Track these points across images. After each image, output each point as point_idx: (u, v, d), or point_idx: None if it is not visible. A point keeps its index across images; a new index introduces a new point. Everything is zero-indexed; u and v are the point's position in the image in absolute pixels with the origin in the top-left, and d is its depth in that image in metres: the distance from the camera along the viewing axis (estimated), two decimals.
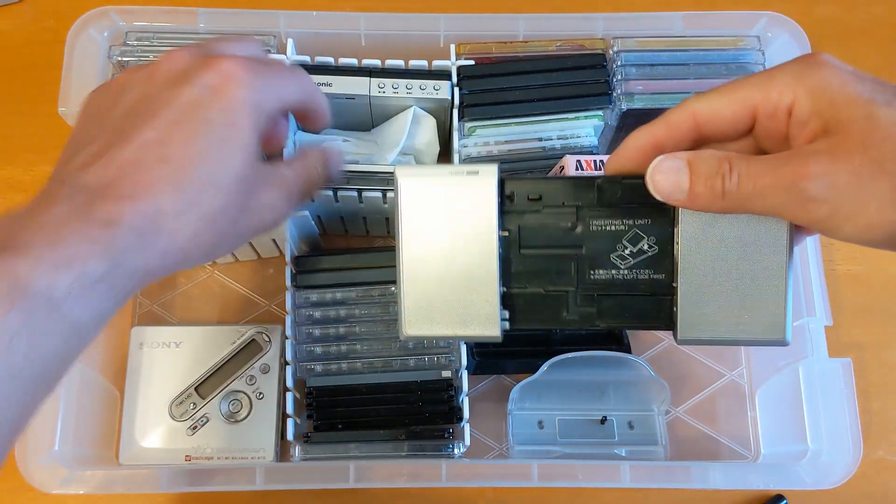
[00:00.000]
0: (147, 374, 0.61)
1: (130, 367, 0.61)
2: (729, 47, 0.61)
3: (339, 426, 0.58)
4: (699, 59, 0.60)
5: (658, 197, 0.36)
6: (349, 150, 0.61)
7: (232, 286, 0.67)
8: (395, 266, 0.39)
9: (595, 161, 0.56)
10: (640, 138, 0.38)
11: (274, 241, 0.64)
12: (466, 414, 0.56)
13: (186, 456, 0.59)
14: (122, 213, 0.36)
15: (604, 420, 0.62)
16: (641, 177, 0.37)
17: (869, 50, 0.75)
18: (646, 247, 0.39)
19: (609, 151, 0.65)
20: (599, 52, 0.61)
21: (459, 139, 0.59)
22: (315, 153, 0.47)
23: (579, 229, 0.39)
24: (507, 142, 0.59)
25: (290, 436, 0.55)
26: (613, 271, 0.39)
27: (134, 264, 0.37)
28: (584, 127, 0.60)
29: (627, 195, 0.39)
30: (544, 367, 0.59)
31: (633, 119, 0.60)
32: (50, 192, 0.37)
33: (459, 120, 0.59)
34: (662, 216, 0.38)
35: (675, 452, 0.63)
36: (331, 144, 0.48)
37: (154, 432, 0.60)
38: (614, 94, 0.59)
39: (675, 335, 0.38)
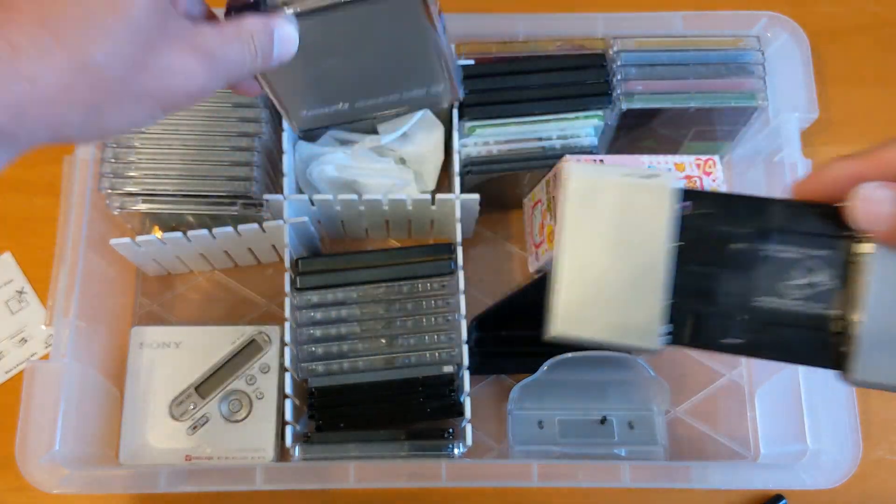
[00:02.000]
0: (147, 374, 0.61)
1: (130, 367, 0.61)
2: (729, 47, 0.61)
3: (342, 425, 0.58)
4: (699, 59, 0.60)
5: (858, 225, 0.34)
6: (351, 163, 0.60)
7: (232, 286, 0.67)
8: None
9: (595, 161, 0.56)
10: (841, 168, 0.35)
11: (273, 246, 0.64)
12: (468, 413, 0.56)
13: (186, 456, 0.59)
14: None
15: (604, 420, 0.62)
16: (831, 206, 0.35)
17: (868, 49, 0.75)
18: (821, 279, 0.36)
19: (609, 151, 0.65)
20: (599, 52, 0.61)
21: (459, 139, 0.59)
22: (255, 21, 0.37)
23: (752, 252, 0.37)
24: (506, 141, 0.59)
25: (288, 442, 0.55)
26: (782, 300, 0.37)
27: None
28: (584, 127, 0.60)
29: (811, 222, 0.36)
30: (544, 366, 0.59)
31: (633, 119, 0.60)
32: None
33: (459, 119, 0.59)
34: (843, 249, 0.36)
35: (675, 452, 0.63)
36: (281, 18, 0.39)
37: (154, 432, 0.60)
38: (614, 94, 0.59)
39: (845, 375, 0.36)
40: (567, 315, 0.38)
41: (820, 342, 0.37)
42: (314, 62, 0.47)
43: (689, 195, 0.37)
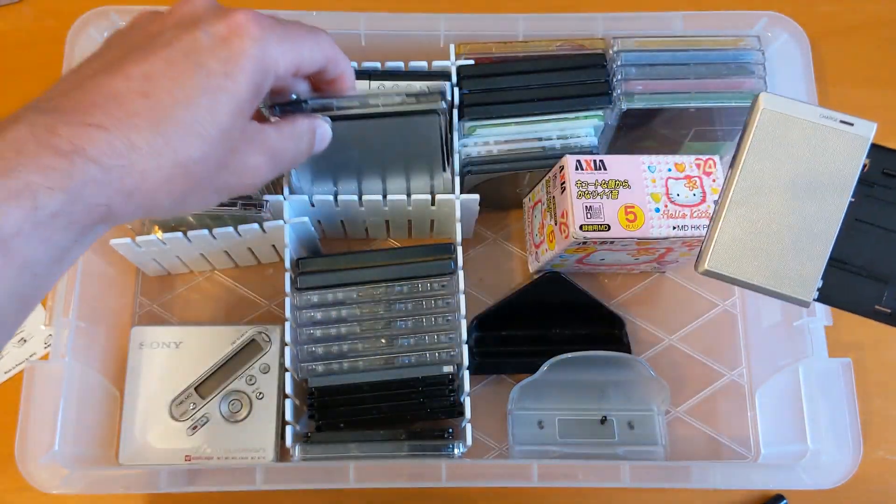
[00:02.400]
0: (147, 374, 0.61)
1: (130, 367, 0.61)
2: (729, 47, 0.61)
3: (342, 425, 0.58)
4: (699, 59, 0.60)
5: None
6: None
7: (232, 287, 0.67)
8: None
9: (595, 161, 0.56)
10: None
11: (273, 246, 0.64)
12: (468, 413, 0.56)
13: (186, 456, 0.59)
14: (89, 141, 0.33)
15: (604, 420, 0.62)
16: None
17: (868, 48, 0.75)
18: None
19: (609, 151, 0.65)
20: (599, 52, 0.61)
21: (459, 139, 0.59)
22: (305, 122, 0.44)
23: None
24: (506, 141, 0.59)
25: (288, 442, 0.55)
26: None
27: (95, 200, 0.34)
28: (584, 127, 0.60)
29: None
30: (544, 367, 0.59)
31: (633, 119, 0.60)
32: (15, 115, 0.35)
33: (459, 120, 0.59)
34: None
35: (675, 452, 0.63)
36: (320, 119, 0.45)
37: (154, 432, 0.60)
38: (614, 94, 0.59)
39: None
40: (723, 253, 0.36)
41: None
42: (335, 154, 0.51)
43: (877, 151, 0.36)
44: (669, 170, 0.56)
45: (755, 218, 0.36)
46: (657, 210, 0.55)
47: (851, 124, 0.36)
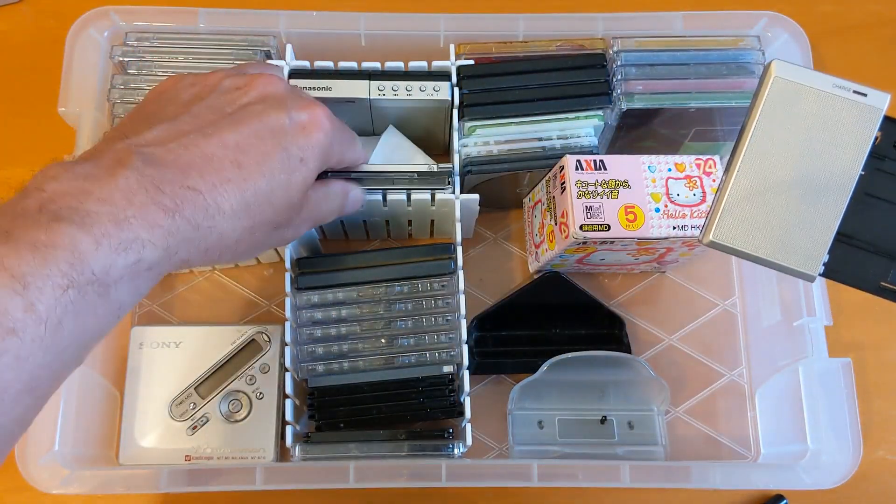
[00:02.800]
0: (147, 374, 0.61)
1: (130, 367, 0.61)
2: (729, 47, 0.61)
3: (341, 425, 0.58)
4: (699, 59, 0.60)
5: None
6: None
7: (232, 287, 0.67)
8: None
9: (595, 161, 0.56)
10: None
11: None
12: (468, 413, 0.56)
13: (186, 456, 0.59)
14: (188, 203, 0.37)
15: (604, 420, 0.62)
16: None
17: (868, 48, 0.75)
18: None
19: (608, 151, 0.65)
20: (599, 52, 0.61)
21: (459, 139, 0.59)
22: (338, 185, 0.51)
23: None
24: (507, 141, 0.59)
25: (288, 442, 0.55)
26: None
27: (181, 256, 0.38)
28: (584, 127, 0.60)
29: None
30: (544, 367, 0.59)
31: (633, 119, 0.60)
32: (118, 157, 0.37)
33: (459, 119, 0.59)
34: None
35: (675, 452, 0.63)
36: (354, 184, 0.53)
37: (154, 432, 0.60)
38: (614, 94, 0.59)
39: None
40: (729, 224, 0.35)
41: None
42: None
43: (889, 124, 0.35)
44: (670, 170, 0.56)
45: (762, 189, 0.35)
46: (657, 210, 0.55)
47: (865, 95, 0.35)
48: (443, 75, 0.59)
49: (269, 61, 0.60)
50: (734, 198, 0.36)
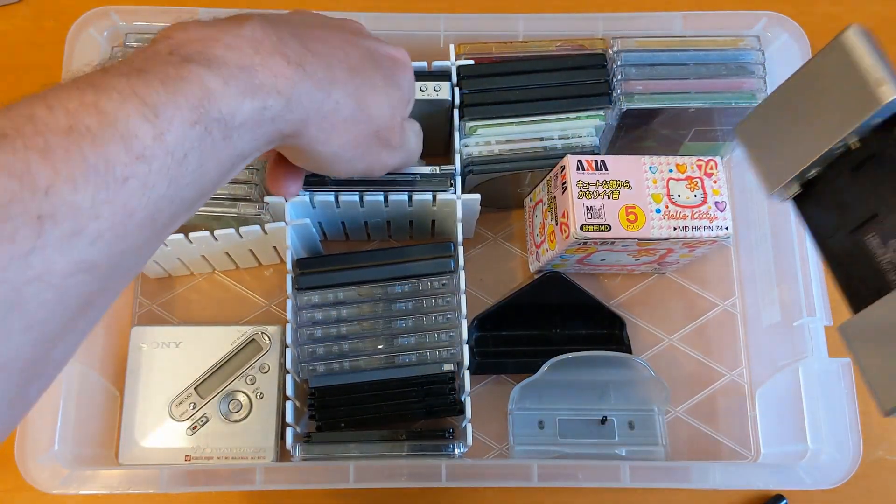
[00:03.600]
0: (147, 374, 0.61)
1: (130, 367, 0.61)
2: (729, 47, 0.61)
3: (342, 425, 0.58)
4: (699, 59, 0.60)
5: None
6: None
7: (232, 287, 0.67)
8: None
9: (596, 161, 0.56)
10: None
11: (275, 248, 0.64)
12: (468, 413, 0.56)
13: (186, 456, 0.59)
14: (311, 66, 0.38)
15: (604, 420, 0.62)
16: None
17: None
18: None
19: (609, 151, 0.65)
20: (599, 52, 0.61)
21: (460, 139, 0.59)
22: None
23: None
24: (508, 141, 0.59)
25: (289, 444, 0.55)
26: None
27: (298, 115, 0.38)
28: (585, 127, 0.60)
29: None
30: (545, 367, 0.59)
31: (633, 119, 0.60)
32: (240, 18, 0.37)
33: (460, 119, 0.59)
34: None
35: (675, 452, 0.63)
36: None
37: (154, 432, 0.60)
38: (614, 94, 0.59)
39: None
40: None
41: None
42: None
43: None
44: (671, 171, 0.56)
45: None
46: (658, 211, 0.55)
47: None
48: (443, 75, 0.59)
49: None
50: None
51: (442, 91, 0.59)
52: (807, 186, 0.39)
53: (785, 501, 0.62)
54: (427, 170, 0.58)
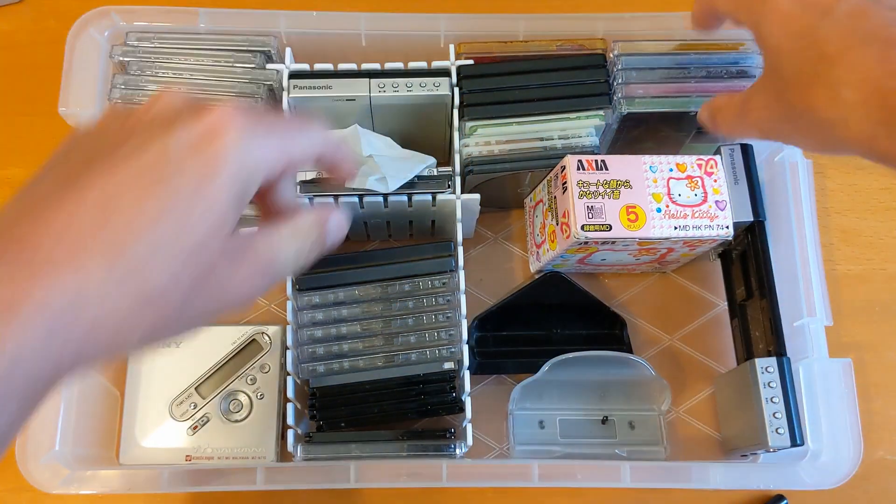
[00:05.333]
0: (147, 374, 0.61)
1: (130, 367, 0.61)
2: (730, 51, 0.61)
3: (343, 425, 0.58)
4: (700, 63, 0.60)
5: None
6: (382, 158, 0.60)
7: None
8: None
9: (596, 161, 0.56)
10: None
11: None
12: (469, 413, 0.56)
13: (187, 456, 0.59)
14: (38, 287, 0.29)
15: (605, 420, 0.62)
16: None
17: None
18: None
19: (609, 152, 0.65)
20: (599, 52, 0.61)
21: (460, 139, 0.59)
22: (310, 217, 0.38)
23: None
24: (508, 141, 0.59)
25: (290, 445, 0.55)
26: None
27: (41, 363, 0.29)
28: (585, 127, 0.60)
29: None
30: (545, 367, 0.59)
31: (634, 122, 0.60)
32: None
33: (460, 119, 0.59)
34: None
35: (675, 452, 0.63)
36: (333, 211, 0.39)
37: (154, 432, 0.60)
38: (615, 98, 0.59)
39: None
40: None
41: None
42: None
43: None
44: (671, 170, 0.56)
45: None
46: (658, 210, 0.55)
47: None
48: (443, 72, 0.59)
49: (268, 65, 0.60)
50: None
51: (442, 87, 0.59)
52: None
53: (785, 501, 0.62)
54: (424, 172, 0.58)
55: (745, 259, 0.62)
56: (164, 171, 0.31)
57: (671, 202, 0.55)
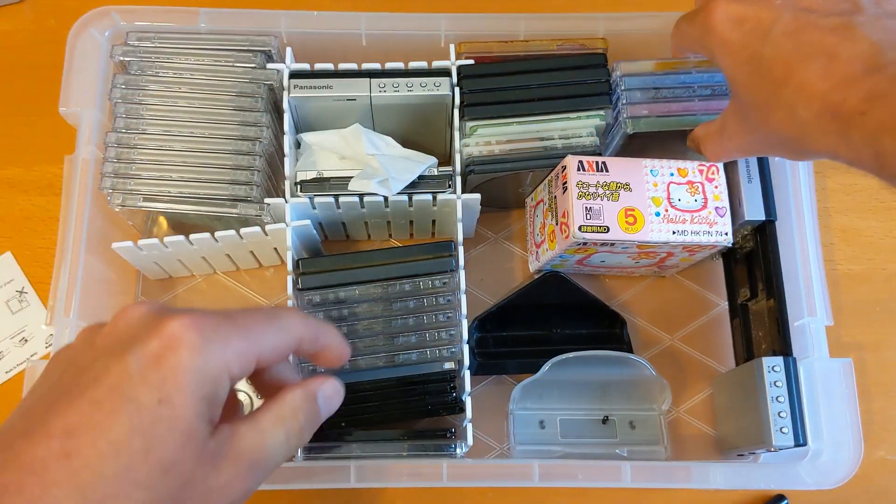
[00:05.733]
0: None
1: None
2: None
3: (343, 424, 0.58)
4: (704, 81, 0.59)
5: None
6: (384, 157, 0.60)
7: (232, 287, 0.67)
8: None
9: (597, 163, 0.56)
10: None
11: (276, 249, 0.64)
12: (469, 413, 0.56)
13: None
14: None
15: (605, 420, 0.62)
16: None
17: None
18: None
19: (610, 153, 0.65)
20: (600, 51, 0.61)
21: (461, 139, 0.59)
22: (297, 394, 0.36)
23: None
24: (508, 141, 0.59)
25: None
26: None
27: None
28: (586, 127, 0.59)
29: None
30: (545, 366, 0.59)
31: (640, 140, 0.60)
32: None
33: (461, 119, 0.59)
34: None
35: (676, 452, 0.63)
36: (324, 383, 0.37)
37: None
38: (620, 119, 0.59)
39: None
40: None
41: None
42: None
43: None
44: (672, 174, 0.56)
45: None
46: (657, 214, 0.55)
47: None
48: (443, 72, 0.59)
49: (269, 64, 0.60)
50: None
51: (442, 86, 0.59)
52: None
53: (786, 501, 0.62)
54: (425, 172, 0.58)
55: (752, 259, 0.61)
56: (124, 394, 0.31)
57: (670, 206, 0.55)
